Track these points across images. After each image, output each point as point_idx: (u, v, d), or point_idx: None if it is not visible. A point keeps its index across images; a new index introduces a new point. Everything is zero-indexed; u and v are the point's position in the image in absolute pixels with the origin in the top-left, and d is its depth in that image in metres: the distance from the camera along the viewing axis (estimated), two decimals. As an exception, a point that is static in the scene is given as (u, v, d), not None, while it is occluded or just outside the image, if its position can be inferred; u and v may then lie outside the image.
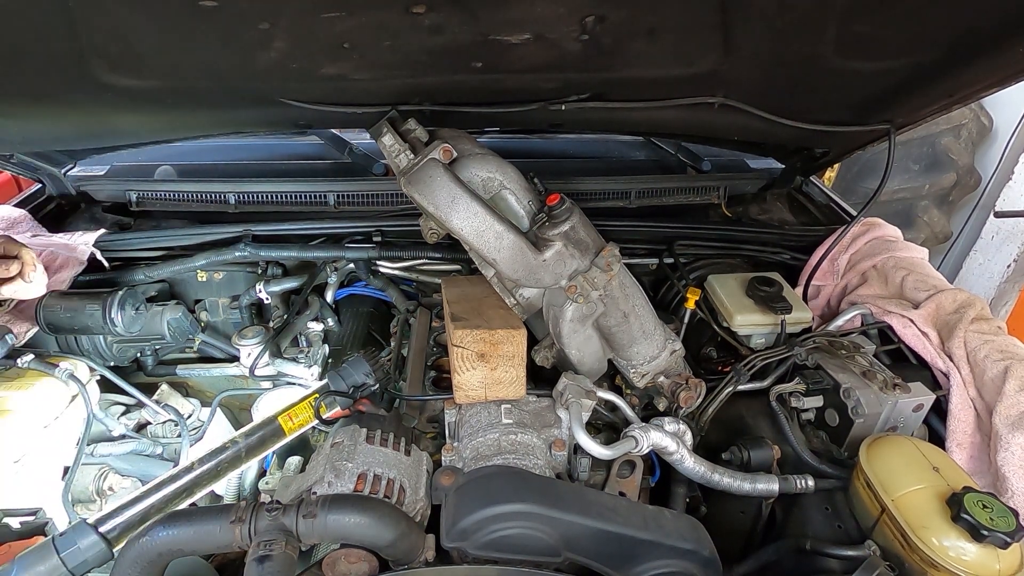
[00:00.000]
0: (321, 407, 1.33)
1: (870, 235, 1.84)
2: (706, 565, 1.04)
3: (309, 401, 1.35)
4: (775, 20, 1.23)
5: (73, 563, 0.97)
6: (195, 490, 1.22)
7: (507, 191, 1.35)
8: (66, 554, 0.97)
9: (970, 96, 1.44)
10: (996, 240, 4.17)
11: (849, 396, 1.34)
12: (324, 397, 1.33)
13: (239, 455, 1.27)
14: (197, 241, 1.83)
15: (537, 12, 1.13)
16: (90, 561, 0.98)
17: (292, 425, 1.34)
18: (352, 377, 1.33)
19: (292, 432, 1.35)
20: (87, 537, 0.98)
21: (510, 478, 1.09)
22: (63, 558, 0.96)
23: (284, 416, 1.34)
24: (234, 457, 1.27)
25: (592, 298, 1.33)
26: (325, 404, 1.33)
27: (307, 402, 1.35)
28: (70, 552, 0.97)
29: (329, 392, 1.33)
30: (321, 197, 1.90)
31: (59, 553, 0.96)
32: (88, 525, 1.01)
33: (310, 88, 1.43)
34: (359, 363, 1.34)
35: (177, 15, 1.08)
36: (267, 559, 0.89)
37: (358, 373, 1.33)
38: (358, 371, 1.33)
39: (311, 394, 1.36)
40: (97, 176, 2.02)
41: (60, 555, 0.96)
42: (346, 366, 1.35)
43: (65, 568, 0.96)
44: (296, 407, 1.35)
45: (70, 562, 0.97)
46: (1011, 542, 0.98)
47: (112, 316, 1.58)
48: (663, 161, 2.31)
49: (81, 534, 0.99)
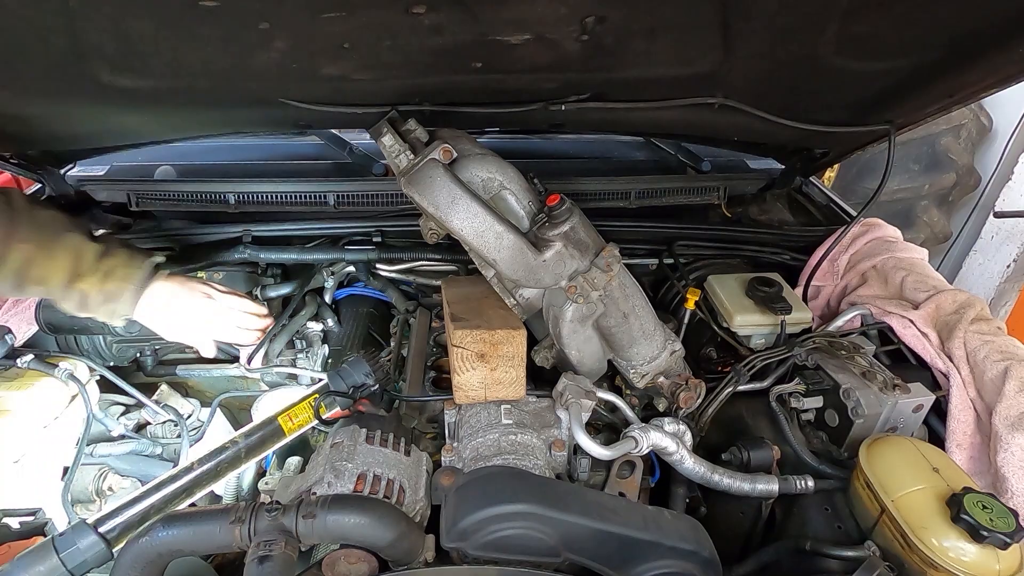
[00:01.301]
0: (321, 407, 1.33)
1: (870, 235, 1.84)
2: (706, 565, 1.04)
3: (309, 401, 1.35)
4: (775, 20, 1.23)
5: (73, 563, 0.97)
6: (195, 490, 1.22)
7: (507, 191, 1.35)
8: (65, 554, 0.96)
9: (970, 96, 1.44)
10: (996, 240, 4.17)
11: (849, 396, 1.34)
12: (324, 397, 1.33)
13: (239, 455, 1.28)
14: (197, 241, 1.83)
15: (537, 12, 1.13)
16: (89, 561, 0.98)
17: (292, 425, 1.34)
18: (352, 377, 1.33)
19: (292, 432, 1.35)
20: (87, 537, 0.98)
21: (510, 478, 1.08)
22: (63, 558, 0.96)
23: (284, 416, 1.34)
24: (234, 457, 1.27)
25: (592, 298, 1.33)
26: (325, 404, 1.33)
27: (307, 402, 1.35)
28: (69, 552, 0.97)
29: (329, 392, 1.33)
30: (321, 197, 1.89)
31: (59, 553, 0.96)
32: (87, 525, 1.01)
33: (310, 88, 1.43)
34: (359, 363, 1.34)
35: (177, 15, 1.08)
36: (267, 559, 0.90)
37: (358, 373, 1.33)
38: (358, 371, 1.33)
39: (311, 394, 1.36)
40: (97, 176, 2.01)
41: (60, 555, 0.96)
42: (346, 366, 1.35)
43: (65, 568, 0.96)
44: (296, 407, 1.35)
45: (69, 562, 0.96)
46: (1011, 543, 0.98)
47: (111, 316, 1.58)
48: (663, 161, 2.31)
49: (81, 534, 0.98)
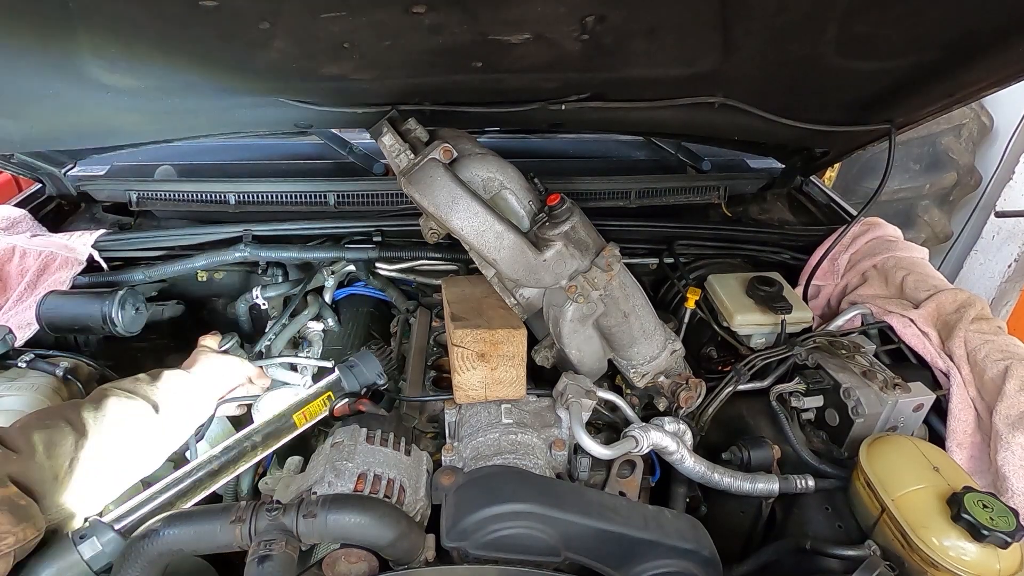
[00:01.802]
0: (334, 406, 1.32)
1: (870, 235, 1.84)
2: (706, 565, 1.04)
3: (324, 399, 1.33)
4: (775, 20, 1.23)
5: (93, 560, 0.99)
6: (208, 484, 1.20)
7: (507, 191, 1.35)
8: (86, 550, 0.98)
9: (970, 96, 1.44)
10: (997, 240, 4.16)
11: (849, 396, 1.34)
12: (339, 397, 1.32)
13: (255, 447, 1.25)
14: (197, 241, 1.83)
15: (537, 12, 1.13)
16: (110, 557, 1.00)
17: (304, 419, 1.33)
18: (364, 376, 1.33)
19: (302, 425, 1.33)
20: (105, 535, 1.00)
21: (510, 478, 1.09)
22: (83, 555, 0.98)
23: (299, 414, 1.31)
24: (249, 450, 1.25)
25: (592, 298, 1.33)
26: (336, 398, 1.33)
27: (322, 399, 1.33)
28: (89, 549, 0.99)
29: (347, 394, 1.33)
30: (321, 197, 1.89)
31: (79, 550, 0.98)
32: (106, 523, 1.02)
33: (310, 88, 1.43)
34: (369, 359, 1.34)
35: (177, 15, 1.09)
36: (267, 559, 0.90)
37: (370, 372, 1.33)
38: (370, 369, 1.33)
39: (326, 391, 1.35)
40: (97, 176, 2.01)
41: (80, 552, 0.98)
42: (355, 360, 1.34)
43: (87, 566, 0.98)
44: (312, 404, 1.33)
45: (90, 559, 0.98)
46: (1011, 542, 0.98)
47: (112, 316, 1.58)
48: (663, 161, 2.31)
49: (99, 532, 1.00)
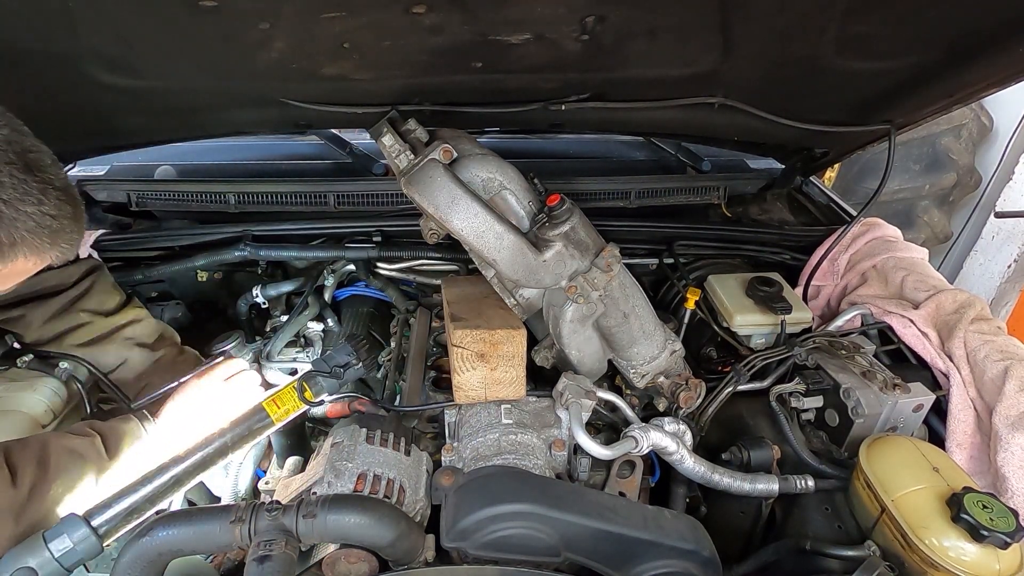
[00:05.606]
0: (306, 390, 1.30)
1: (870, 235, 1.84)
2: (706, 565, 1.04)
3: (292, 385, 1.33)
4: (775, 20, 1.23)
5: (63, 556, 0.96)
6: (185, 481, 1.18)
7: (507, 191, 1.35)
8: (55, 547, 0.95)
9: (970, 96, 1.45)
10: (996, 240, 4.16)
11: (849, 396, 1.34)
12: (307, 378, 1.31)
13: (226, 445, 1.24)
14: (197, 241, 1.83)
15: (537, 12, 1.13)
16: (80, 553, 0.97)
17: (280, 412, 1.31)
18: (335, 359, 1.32)
19: (281, 420, 1.31)
20: (77, 530, 0.97)
21: (510, 478, 1.09)
22: (52, 551, 0.95)
23: (269, 402, 1.30)
24: (221, 446, 1.23)
25: (592, 298, 1.33)
26: (308, 385, 1.31)
27: (291, 387, 1.32)
28: (60, 545, 0.96)
29: (312, 373, 1.31)
30: (321, 197, 1.89)
31: (48, 546, 0.95)
32: (78, 518, 1.00)
33: (310, 88, 1.43)
34: (342, 347, 1.33)
35: (177, 16, 1.09)
36: (267, 559, 0.90)
37: (340, 355, 1.31)
38: (340, 354, 1.32)
39: (294, 380, 1.34)
40: (97, 176, 2.01)
41: (50, 548, 0.95)
42: (330, 351, 1.34)
43: (56, 562, 0.95)
44: (281, 393, 1.32)
45: (60, 555, 0.96)
46: (1011, 542, 0.98)
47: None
48: (663, 161, 2.31)
49: (71, 527, 0.98)
